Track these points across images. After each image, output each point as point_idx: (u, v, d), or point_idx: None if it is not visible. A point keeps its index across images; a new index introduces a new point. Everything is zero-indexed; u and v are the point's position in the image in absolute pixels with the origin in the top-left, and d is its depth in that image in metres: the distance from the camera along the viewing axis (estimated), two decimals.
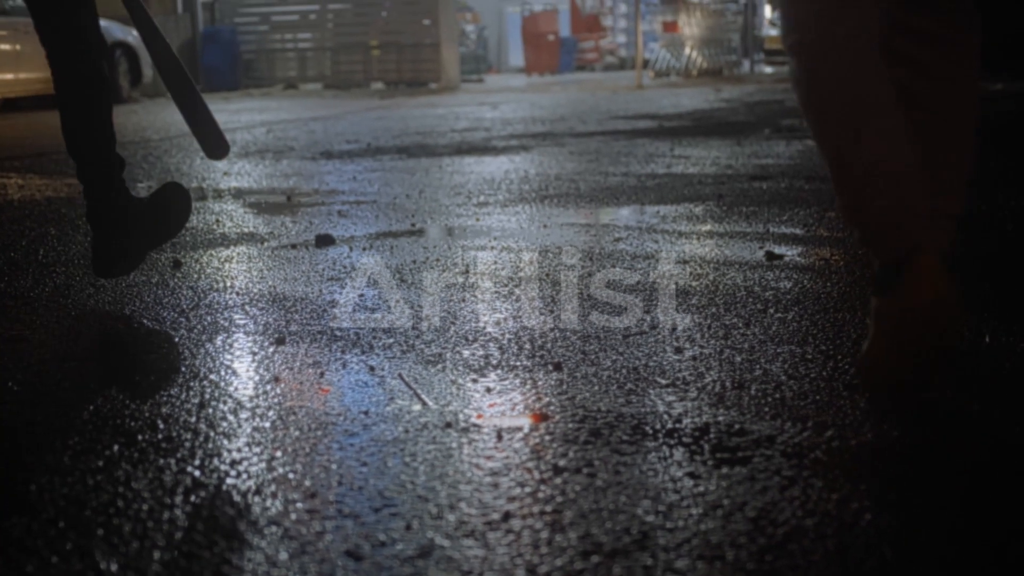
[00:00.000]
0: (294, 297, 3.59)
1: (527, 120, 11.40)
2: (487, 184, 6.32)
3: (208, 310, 3.44)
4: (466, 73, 22.75)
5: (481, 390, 2.58)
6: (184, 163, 7.91)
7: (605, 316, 3.22)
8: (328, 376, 2.73)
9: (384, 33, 20.28)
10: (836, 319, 3.10)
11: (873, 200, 2.44)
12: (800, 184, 5.85)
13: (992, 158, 6.63)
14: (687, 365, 2.71)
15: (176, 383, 2.69)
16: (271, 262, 4.19)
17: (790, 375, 2.60)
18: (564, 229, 4.73)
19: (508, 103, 14.77)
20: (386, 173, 7.09)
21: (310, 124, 11.76)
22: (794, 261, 3.92)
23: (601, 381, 2.60)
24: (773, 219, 4.76)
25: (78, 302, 3.65)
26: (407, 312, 3.33)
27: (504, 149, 8.44)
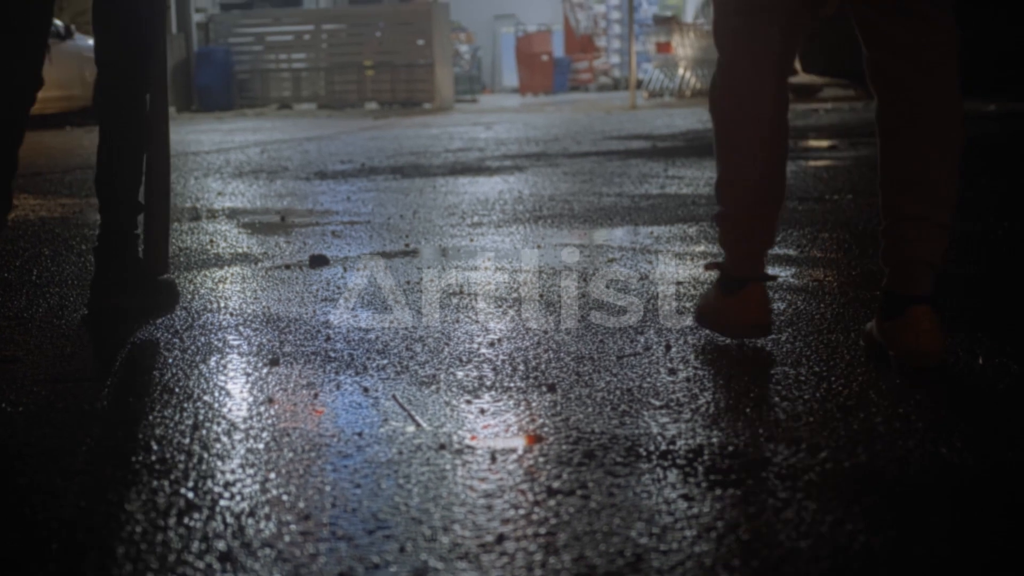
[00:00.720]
0: (288, 318, 3.59)
1: (521, 140, 11.42)
2: (481, 204, 6.33)
3: (202, 331, 3.44)
4: (460, 93, 22.79)
5: (475, 411, 2.57)
6: (178, 183, 7.92)
7: (599, 337, 3.22)
8: (322, 397, 2.73)
9: (378, 53, 20.31)
10: (829, 340, 3.10)
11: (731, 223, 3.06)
12: (793, 205, 5.86)
13: (986, 179, 6.64)
14: (681, 387, 2.71)
15: (170, 404, 2.68)
16: (265, 282, 4.19)
17: (784, 397, 2.60)
18: (558, 250, 4.74)
19: (502, 123, 14.79)
20: (380, 193, 7.10)
21: (304, 144, 11.77)
22: (787, 282, 3.93)
23: (595, 402, 2.60)
24: None
25: (72, 323, 3.64)
26: (401, 333, 3.33)
27: (498, 169, 8.45)
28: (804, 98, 17.95)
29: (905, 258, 2.80)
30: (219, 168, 9.02)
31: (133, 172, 3.66)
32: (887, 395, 2.59)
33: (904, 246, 2.80)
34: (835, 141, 9.87)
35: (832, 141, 9.91)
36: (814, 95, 18.26)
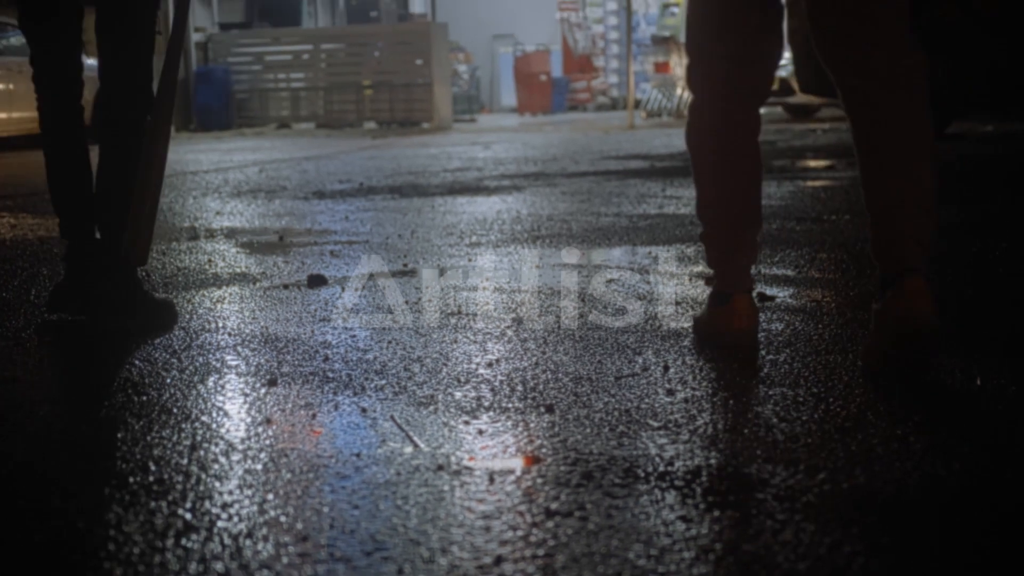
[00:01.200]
0: (286, 338, 3.59)
1: (519, 160, 11.44)
2: (479, 224, 6.33)
3: (200, 351, 3.44)
4: (459, 113, 22.81)
5: (473, 432, 2.57)
6: (176, 202, 7.93)
7: (597, 357, 3.22)
8: (320, 418, 2.73)
9: (377, 73, 20.34)
10: (828, 361, 3.10)
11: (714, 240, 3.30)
12: (791, 225, 5.86)
13: (985, 200, 6.66)
14: (679, 407, 2.71)
15: (168, 425, 2.68)
16: (263, 302, 4.19)
17: (782, 418, 2.60)
18: (556, 270, 4.74)
19: (500, 143, 14.81)
20: (378, 213, 7.11)
21: (303, 163, 11.79)
22: (785, 303, 3.93)
23: (593, 423, 2.60)
24: (764, 260, 4.77)
25: (70, 343, 3.65)
26: (399, 353, 3.33)
27: (496, 189, 8.46)
28: (801, 118, 17.98)
29: (891, 238, 2.90)
30: (217, 187, 9.03)
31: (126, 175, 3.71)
32: (885, 416, 2.59)
33: (890, 227, 2.91)
34: (832, 161, 9.89)
35: (829, 161, 9.93)
36: (811, 115, 18.29)
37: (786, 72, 16.60)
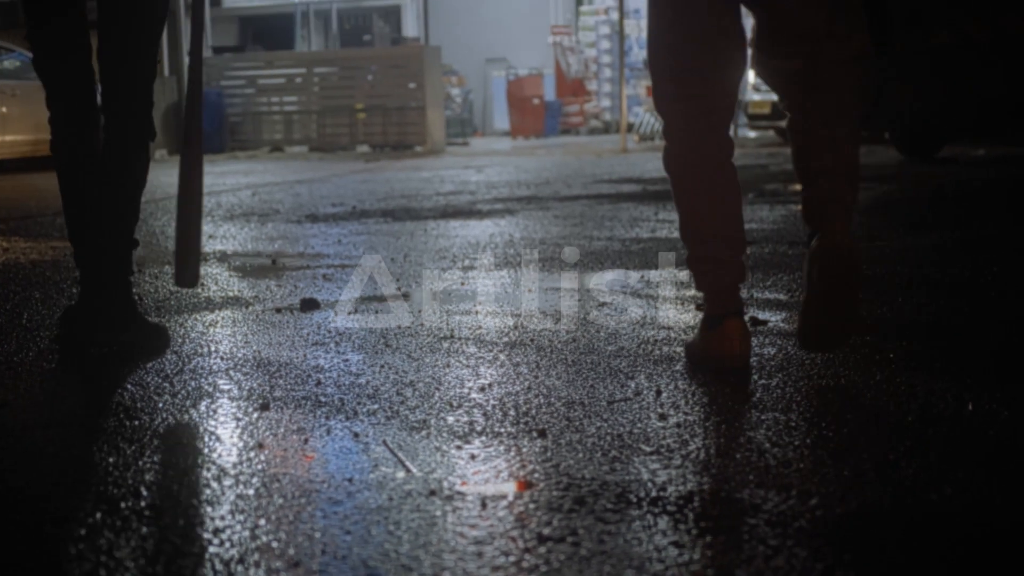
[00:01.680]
0: (279, 362, 3.58)
1: (512, 184, 11.45)
2: (472, 248, 6.34)
3: (192, 375, 3.44)
4: (451, 136, 22.83)
5: (465, 457, 2.57)
6: (169, 226, 7.92)
7: (589, 382, 3.22)
8: (312, 443, 2.73)
9: (370, 96, 20.37)
10: (820, 386, 3.10)
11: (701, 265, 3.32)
12: (784, 249, 5.87)
13: (977, 223, 6.68)
14: (671, 432, 2.71)
15: (160, 450, 2.68)
16: (256, 326, 4.19)
17: (774, 442, 2.61)
18: (549, 294, 4.74)
19: (493, 166, 14.83)
20: (371, 236, 7.11)
21: (295, 187, 11.80)
22: (778, 327, 3.93)
23: (585, 448, 2.60)
24: (757, 284, 4.77)
25: (62, 367, 3.64)
26: (392, 377, 3.33)
27: (489, 213, 8.47)
28: None
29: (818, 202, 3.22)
30: (210, 211, 9.03)
31: (134, 213, 3.86)
32: (877, 441, 2.59)
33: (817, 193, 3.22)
34: None
35: None
36: None
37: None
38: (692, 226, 3.37)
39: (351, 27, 25.85)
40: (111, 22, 3.79)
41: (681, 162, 3.37)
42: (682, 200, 3.39)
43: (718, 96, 3.32)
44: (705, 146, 3.33)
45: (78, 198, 3.85)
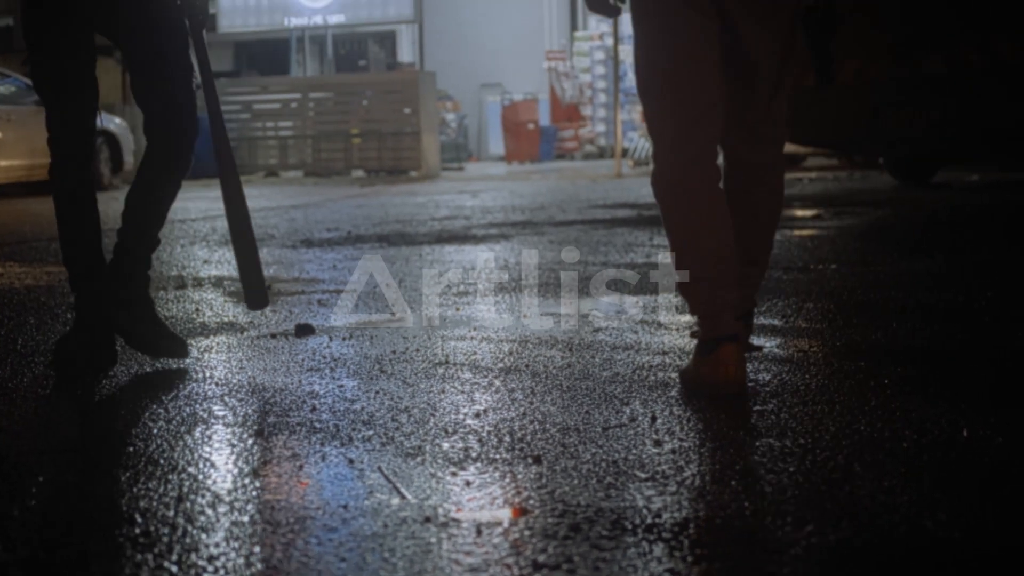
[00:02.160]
0: (273, 388, 3.58)
1: (507, 209, 11.46)
2: (467, 273, 6.34)
3: (187, 401, 3.43)
4: (446, 161, 22.84)
5: (461, 483, 2.57)
6: (164, 251, 7.92)
7: (585, 408, 3.22)
8: (307, 469, 2.72)
9: (365, 121, 20.38)
10: (815, 412, 3.10)
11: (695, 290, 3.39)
12: (778, 275, 5.88)
13: (968, 250, 6.69)
14: (666, 458, 2.71)
15: (154, 476, 2.67)
16: (250, 352, 4.19)
17: (769, 469, 2.60)
18: (544, 319, 4.74)
19: (488, 191, 14.85)
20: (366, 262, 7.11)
21: (291, 212, 11.81)
22: (773, 353, 3.94)
23: (581, 475, 2.60)
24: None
25: (57, 393, 3.64)
26: (387, 403, 3.33)
27: (484, 238, 8.48)
28: (788, 167, 18.06)
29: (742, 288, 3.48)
30: (205, 236, 9.03)
31: (163, 215, 4.02)
32: (872, 468, 2.59)
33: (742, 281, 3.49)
34: (819, 210, 9.93)
35: (816, 210, 9.97)
36: (798, 164, 18.38)
37: None
38: (682, 248, 3.42)
39: (346, 52, 25.90)
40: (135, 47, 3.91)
41: (670, 184, 3.43)
42: (671, 222, 3.45)
43: (710, 117, 3.40)
44: (695, 168, 3.39)
45: (74, 223, 3.87)
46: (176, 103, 3.92)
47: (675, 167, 3.41)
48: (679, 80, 3.37)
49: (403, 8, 20.52)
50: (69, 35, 3.83)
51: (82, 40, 3.86)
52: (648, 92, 3.45)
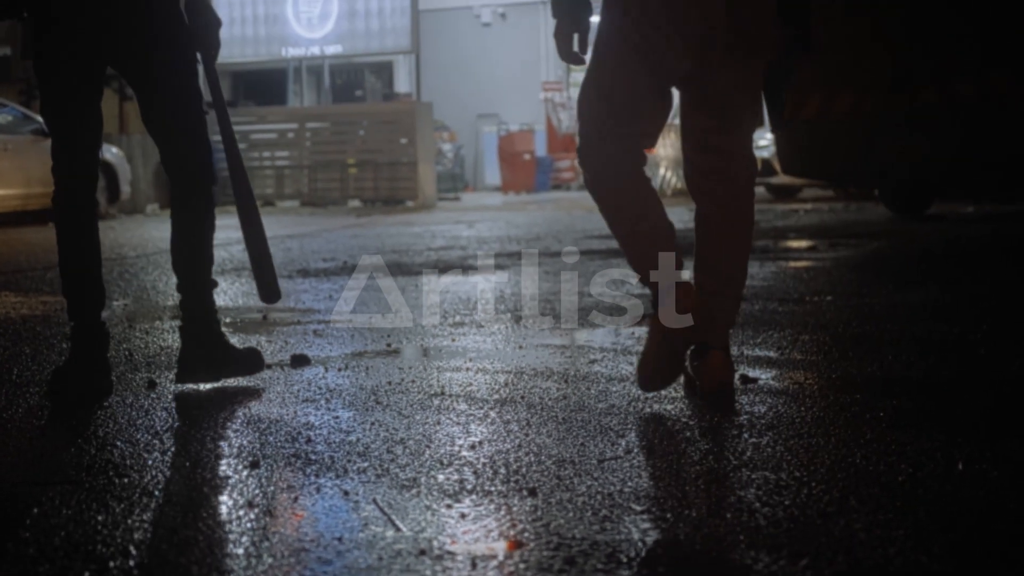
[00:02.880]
0: (269, 419, 3.58)
1: (503, 239, 11.47)
2: (463, 303, 6.34)
3: (182, 432, 3.43)
4: (443, 191, 22.85)
5: (456, 516, 2.57)
6: (160, 280, 7.93)
7: (580, 440, 3.22)
8: (302, 501, 2.72)
9: (361, 151, 20.40)
10: (810, 444, 3.10)
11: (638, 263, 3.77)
12: (774, 306, 5.89)
13: (964, 282, 6.70)
14: (662, 491, 2.71)
15: (149, 508, 2.67)
16: (246, 382, 4.18)
17: (764, 502, 2.60)
18: (539, 350, 4.74)
19: (484, 221, 14.86)
20: (362, 291, 7.10)
21: (287, 242, 11.81)
22: (768, 385, 3.94)
23: (576, 507, 2.60)
24: (747, 342, 4.78)
25: (52, 423, 3.63)
26: (382, 435, 3.33)
27: (480, 268, 8.48)
28: (784, 199, 18.11)
29: (710, 318, 3.68)
30: None
31: (210, 258, 4.14)
32: (867, 501, 2.59)
33: (711, 311, 3.69)
34: (815, 241, 9.95)
35: (812, 241, 9.99)
36: (794, 196, 18.42)
37: (768, 153, 16.74)
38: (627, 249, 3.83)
39: (343, 83, 25.97)
40: (145, 84, 3.98)
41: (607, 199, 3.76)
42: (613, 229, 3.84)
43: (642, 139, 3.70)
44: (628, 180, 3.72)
45: (75, 252, 3.90)
46: (181, 129, 4.00)
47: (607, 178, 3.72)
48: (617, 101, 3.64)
49: (400, 39, 20.56)
50: (78, 65, 3.88)
51: (90, 71, 3.92)
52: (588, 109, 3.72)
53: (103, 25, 3.86)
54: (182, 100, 4.01)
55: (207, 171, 4.07)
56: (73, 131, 3.92)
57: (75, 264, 3.93)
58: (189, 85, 4.03)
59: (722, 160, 3.74)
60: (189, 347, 4.07)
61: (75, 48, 3.86)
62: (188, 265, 4.06)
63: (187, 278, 4.07)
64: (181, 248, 4.06)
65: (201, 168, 4.05)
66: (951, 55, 8.93)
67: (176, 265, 4.08)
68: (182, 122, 4.00)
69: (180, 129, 4.00)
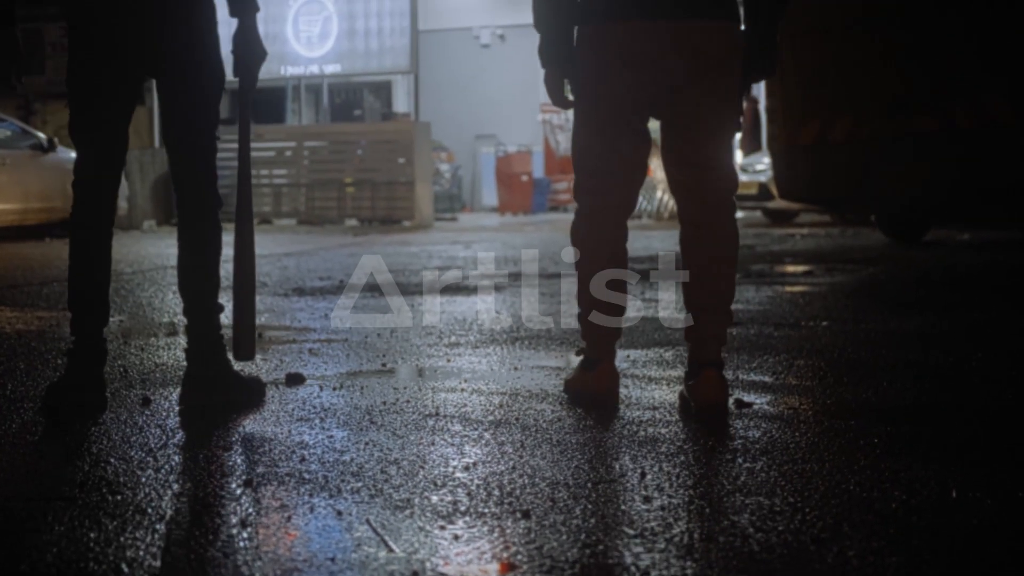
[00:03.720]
0: (263, 437, 3.58)
1: (500, 260, 11.48)
2: (459, 324, 6.34)
3: (176, 449, 3.43)
4: (440, 211, 22.87)
5: (449, 537, 2.57)
6: (156, 297, 7.93)
7: (574, 463, 3.22)
8: (295, 520, 2.72)
9: (359, 171, 20.41)
10: (804, 470, 3.10)
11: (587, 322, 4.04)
12: (769, 331, 5.89)
13: (960, 310, 6.70)
14: (655, 515, 2.71)
15: (141, 525, 2.66)
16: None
17: (757, 527, 2.60)
18: (535, 372, 4.74)
19: (481, 242, 14.87)
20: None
21: (283, 260, 11.81)
22: (763, 410, 3.94)
23: (569, 530, 2.59)
24: (742, 366, 4.78)
25: (46, 439, 3.63)
26: (376, 455, 3.32)
27: (476, 289, 8.49)
28: (780, 223, 18.13)
29: (700, 336, 3.95)
30: None
31: (215, 277, 4.13)
32: (861, 528, 2.59)
33: (700, 329, 3.95)
34: (811, 266, 9.96)
35: (808, 266, 9.99)
36: (790, 220, 18.44)
37: (765, 178, 16.78)
38: (585, 293, 4.01)
39: (342, 102, 26.01)
40: (174, 102, 4.03)
41: (584, 243, 4.04)
42: (581, 271, 4.03)
43: (624, 195, 4.03)
44: (608, 235, 4.02)
45: (87, 267, 3.93)
46: (199, 147, 4.06)
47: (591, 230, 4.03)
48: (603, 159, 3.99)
49: (399, 59, 20.60)
50: (113, 82, 3.94)
51: (123, 90, 3.98)
52: (578, 162, 4.08)
53: (146, 44, 3.92)
54: (206, 122, 4.07)
55: (214, 193, 4.11)
56: (103, 148, 3.98)
57: (87, 279, 3.96)
58: (214, 109, 4.10)
59: (700, 174, 3.97)
60: (195, 369, 4.07)
61: (116, 57, 3.92)
62: (196, 288, 4.08)
63: (194, 301, 4.09)
64: (189, 271, 4.09)
65: (209, 189, 4.09)
66: (949, 81, 8.96)
67: (183, 287, 4.11)
68: (201, 142, 4.06)
69: (198, 147, 4.06)
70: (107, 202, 4.01)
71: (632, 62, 3.89)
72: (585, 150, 4.04)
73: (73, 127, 4.00)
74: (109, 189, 4.01)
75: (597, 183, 4.01)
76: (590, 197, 4.03)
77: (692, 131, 3.96)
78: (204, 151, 4.08)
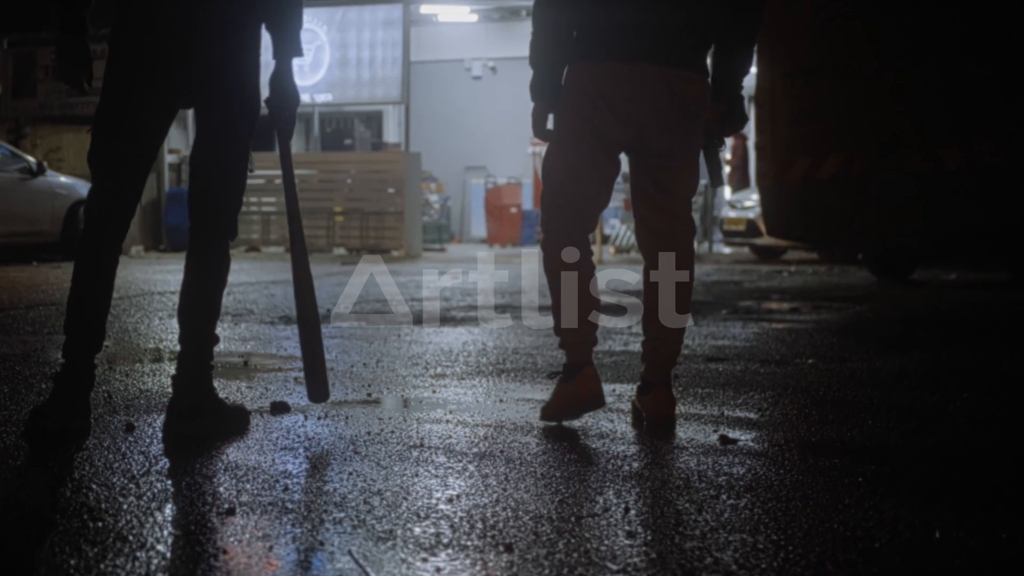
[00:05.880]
0: (246, 466, 3.56)
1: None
2: (444, 355, 6.34)
3: (159, 476, 3.41)
4: (429, 242, 22.90)
5: (431, 570, 2.56)
6: (142, 323, 7.91)
7: (558, 496, 3.21)
8: (277, 550, 2.70)
9: (348, 200, 20.44)
10: (789, 508, 3.10)
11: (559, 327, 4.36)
12: (755, 367, 5.89)
13: (945, 350, 6.71)
14: (639, 551, 2.70)
15: (122, 553, 2.65)
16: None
17: (741, 564, 2.60)
18: (520, 404, 4.74)
19: (469, 273, 14.88)
20: (344, 340, 7.11)
21: (270, 288, 11.80)
22: (748, 446, 3.94)
23: (552, 564, 2.59)
24: (728, 402, 4.78)
25: (28, 463, 3.61)
26: (360, 485, 3.31)
27: (463, 320, 8.48)
28: (768, 260, 18.17)
29: (655, 360, 4.31)
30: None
31: (216, 307, 4.16)
32: (844, 567, 2.58)
33: (656, 354, 4.30)
34: (797, 304, 9.97)
35: (794, 304, 10.01)
36: (777, 257, 18.48)
37: (753, 214, 16.82)
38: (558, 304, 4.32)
39: (332, 131, 26.01)
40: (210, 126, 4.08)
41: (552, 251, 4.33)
42: (552, 279, 4.34)
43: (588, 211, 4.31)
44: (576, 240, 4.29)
45: (90, 290, 3.91)
46: (228, 174, 4.14)
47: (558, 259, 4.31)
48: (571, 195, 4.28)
49: (391, 89, 20.66)
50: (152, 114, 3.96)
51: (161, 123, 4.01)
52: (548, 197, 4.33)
53: (194, 68, 3.93)
54: (238, 151, 4.14)
55: (232, 225, 4.16)
56: (126, 180, 3.97)
57: (88, 304, 3.93)
58: (247, 142, 4.16)
59: (667, 218, 4.31)
60: (180, 397, 4.04)
61: (161, 96, 3.94)
62: (195, 315, 4.09)
63: (191, 328, 4.09)
64: (193, 296, 4.11)
65: (228, 220, 4.15)
66: (938, 122, 9.01)
67: (183, 311, 4.11)
68: (230, 170, 4.12)
69: (228, 174, 4.13)
70: (119, 231, 3.97)
71: (615, 101, 4.16)
72: (555, 168, 4.31)
73: (97, 155, 3.94)
74: (123, 218, 3.97)
75: (565, 199, 4.29)
76: (557, 210, 4.30)
77: (664, 176, 4.29)
78: (234, 180, 4.16)
